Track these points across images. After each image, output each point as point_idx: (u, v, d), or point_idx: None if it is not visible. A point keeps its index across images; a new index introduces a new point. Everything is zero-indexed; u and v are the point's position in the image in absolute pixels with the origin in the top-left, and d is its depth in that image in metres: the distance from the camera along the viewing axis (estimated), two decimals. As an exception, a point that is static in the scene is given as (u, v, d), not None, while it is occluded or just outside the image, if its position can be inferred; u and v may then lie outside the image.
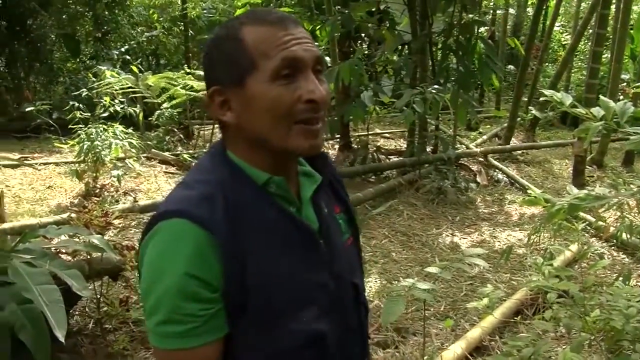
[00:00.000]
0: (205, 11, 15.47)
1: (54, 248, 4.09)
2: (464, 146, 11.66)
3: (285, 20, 1.43)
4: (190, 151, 11.02)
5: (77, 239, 4.29)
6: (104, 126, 8.51)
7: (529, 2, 19.91)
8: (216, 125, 11.78)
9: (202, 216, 1.34)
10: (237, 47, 1.41)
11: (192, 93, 10.63)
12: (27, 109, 11.95)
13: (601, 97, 2.71)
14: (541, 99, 13.06)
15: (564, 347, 4.18)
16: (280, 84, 1.38)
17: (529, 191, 3.76)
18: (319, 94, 1.40)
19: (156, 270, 1.34)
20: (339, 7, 9.69)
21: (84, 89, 11.28)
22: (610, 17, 11.81)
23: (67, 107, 10.16)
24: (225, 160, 1.48)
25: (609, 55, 13.19)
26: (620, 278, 3.62)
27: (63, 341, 2.94)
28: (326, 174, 1.58)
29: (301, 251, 1.45)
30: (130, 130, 9.06)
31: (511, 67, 18.64)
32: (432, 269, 3.72)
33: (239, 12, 10.92)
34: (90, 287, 4.00)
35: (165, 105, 11.15)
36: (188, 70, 11.24)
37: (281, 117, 1.39)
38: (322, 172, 1.57)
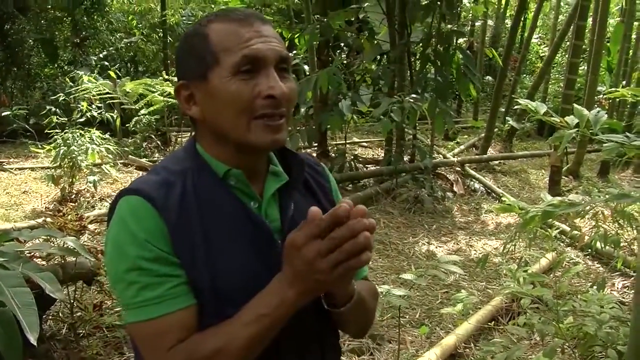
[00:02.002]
0: (184, 18, 15.44)
1: (27, 251, 4.04)
2: (441, 156, 11.71)
3: (250, 17, 1.46)
4: (168, 158, 10.96)
5: (51, 243, 4.25)
6: (81, 131, 8.46)
7: (508, 14, 20.05)
8: (193, 134, 11.78)
9: (156, 197, 1.40)
10: (202, 43, 1.45)
11: (169, 100, 10.63)
12: (4, 114, 11.89)
13: (575, 105, 2.73)
14: (517, 108, 13.20)
15: (538, 354, 4.20)
16: (241, 79, 1.41)
17: (503, 198, 3.78)
18: (278, 90, 1.42)
19: (118, 243, 1.40)
20: (317, 15, 9.70)
21: (61, 94, 11.22)
22: (587, 30, 11.93)
23: (44, 112, 10.10)
24: (193, 153, 1.54)
25: (586, 67, 13.32)
26: (594, 286, 3.64)
27: (35, 344, 2.90)
28: (295, 175, 1.60)
29: (255, 246, 1.46)
30: (107, 136, 9.02)
31: (489, 77, 18.77)
32: (407, 276, 3.73)
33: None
34: (64, 292, 3.97)
35: (142, 111, 11.14)
36: (166, 77, 11.22)
37: (240, 112, 1.42)
38: (291, 174, 1.59)
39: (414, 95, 8.35)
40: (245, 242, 1.46)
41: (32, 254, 4.12)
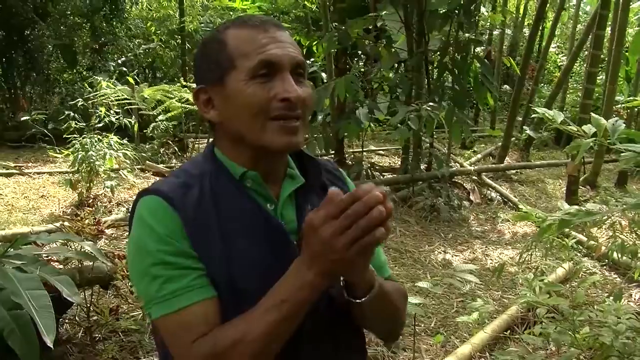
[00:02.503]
0: (202, 25, 15.52)
1: (45, 255, 4.08)
2: (457, 164, 11.67)
3: (267, 23, 1.53)
4: (185, 164, 10.99)
5: (68, 247, 4.28)
6: (99, 137, 8.51)
7: (526, 23, 20.01)
8: (211, 139, 11.81)
9: (174, 197, 1.46)
10: (219, 48, 1.52)
11: (187, 106, 10.67)
12: (23, 119, 11.95)
13: (593, 114, 2.72)
14: (534, 117, 13.12)
15: (553, 364, 4.18)
16: (257, 82, 1.46)
17: (520, 206, 3.77)
18: (294, 93, 1.46)
19: (140, 241, 1.46)
20: (335, 23, 9.72)
21: (80, 99, 11.28)
22: (605, 39, 11.88)
23: (63, 117, 10.15)
24: (211, 157, 1.60)
25: (604, 77, 13.26)
26: (611, 297, 3.62)
27: (52, 346, 2.92)
28: (312, 178, 1.64)
29: (271, 245, 1.49)
30: (124, 142, 9.05)
31: (506, 86, 18.72)
32: (423, 284, 3.73)
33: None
34: (80, 296, 3.99)
35: (160, 117, 11.19)
36: (184, 83, 11.27)
37: (256, 114, 1.47)
38: (307, 177, 1.63)
39: (431, 104, 8.33)
40: (260, 241, 1.49)
41: (50, 257, 4.15)
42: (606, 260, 6.45)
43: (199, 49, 1.62)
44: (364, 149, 11.89)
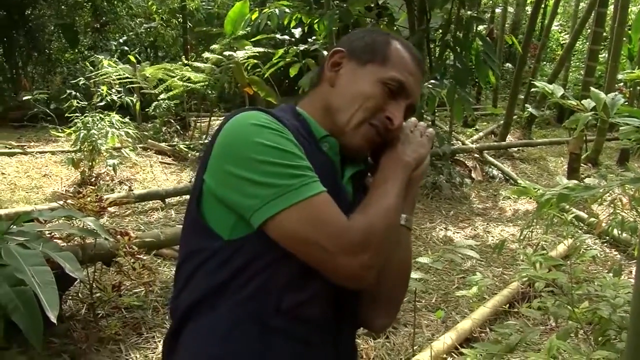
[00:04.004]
0: (204, 3, 15.47)
1: (47, 232, 4.09)
2: (459, 142, 11.68)
3: (421, 63, 1.70)
4: (187, 142, 11.01)
5: (71, 224, 4.30)
6: (101, 115, 8.50)
7: (528, 1, 19.91)
8: (213, 117, 11.81)
9: (280, 118, 1.53)
10: (383, 45, 1.65)
11: (189, 85, 10.66)
12: (25, 98, 11.94)
13: (592, 89, 2.72)
14: (536, 94, 13.11)
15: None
16: (384, 89, 1.60)
17: (519, 181, 3.77)
18: (399, 120, 1.61)
19: (263, 138, 1.45)
20: (337, 1, 9.68)
21: (82, 78, 11.27)
22: (608, 17, 11.84)
23: (64, 96, 10.16)
24: (295, 112, 1.67)
25: (606, 55, 13.22)
26: (611, 273, 3.63)
27: (55, 322, 2.94)
28: (366, 165, 1.73)
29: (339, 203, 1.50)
30: (126, 120, 9.05)
31: (509, 65, 18.66)
32: (424, 260, 3.74)
33: (237, 4, 10.94)
34: (83, 273, 4.01)
35: (162, 96, 11.19)
36: (185, 62, 11.26)
37: (365, 109, 1.59)
38: (367, 166, 1.74)
39: (433, 82, 8.33)
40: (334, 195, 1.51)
41: (52, 234, 4.16)
42: (607, 237, 6.46)
43: (366, 31, 1.75)
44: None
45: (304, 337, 1.52)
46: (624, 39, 12.70)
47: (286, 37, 11.48)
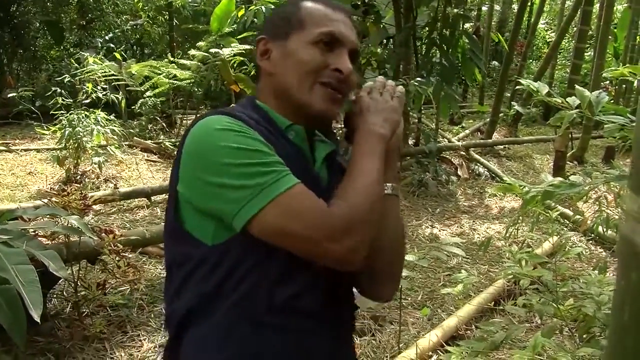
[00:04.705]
0: (190, 1, 15.38)
1: (31, 230, 4.06)
2: (446, 140, 11.70)
3: (341, 8, 1.69)
4: (173, 140, 10.97)
5: (55, 221, 4.27)
6: (86, 113, 8.46)
7: (514, -1, 19.98)
8: (199, 115, 11.76)
9: (242, 117, 1.53)
10: (293, 10, 1.65)
11: (175, 82, 10.62)
12: (10, 96, 11.88)
13: (577, 87, 2.73)
14: (522, 92, 13.16)
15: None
16: (317, 48, 1.59)
17: (505, 179, 3.78)
18: (346, 67, 1.60)
19: (231, 140, 1.45)
20: (324, -2, 9.67)
21: (67, 76, 11.20)
22: (594, 15, 11.88)
23: (50, 94, 10.09)
24: (255, 106, 1.66)
25: (592, 53, 13.27)
26: (596, 271, 3.65)
27: (39, 321, 2.92)
28: (336, 145, 1.74)
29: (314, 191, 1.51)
30: (112, 118, 9.00)
31: (495, 62, 18.72)
32: (410, 257, 3.74)
33: (224, 1, 10.91)
34: (68, 271, 3.99)
35: (148, 93, 11.13)
36: (172, 59, 11.22)
37: (308, 73, 1.58)
38: (337, 144, 1.76)
39: (419, 79, 8.34)
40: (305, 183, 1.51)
41: (36, 232, 4.14)
42: (592, 235, 6.49)
43: (273, 11, 1.81)
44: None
45: (299, 329, 1.53)
46: (610, 37, 12.77)
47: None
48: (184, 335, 1.55)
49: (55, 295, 4.69)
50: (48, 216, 4.27)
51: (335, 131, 1.79)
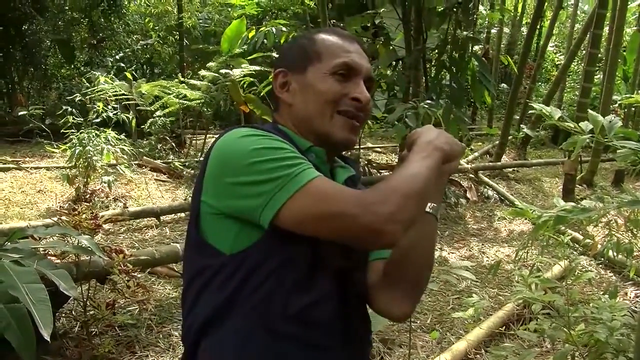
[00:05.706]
0: (200, 21, 15.48)
1: (42, 249, 4.07)
2: (455, 162, 11.66)
3: (353, 38, 1.76)
4: (182, 159, 10.99)
5: (65, 241, 4.28)
6: (96, 132, 8.48)
7: (524, 22, 20.01)
8: (209, 135, 11.81)
9: (265, 128, 1.60)
10: (310, 43, 1.72)
11: (185, 102, 10.65)
12: (20, 114, 11.95)
13: (590, 111, 2.73)
14: (531, 114, 13.15)
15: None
16: (335, 78, 1.66)
17: (516, 203, 3.77)
18: (364, 96, 1.67)
19: (257, 143, 1.52)
20: (334, 20, 9.72)
21: (78, 94, 11.25)
22: (603, 38, 11.89)
23: (60, 112, 10.13)
24: (277, 128, 1.71)
25: (601, 76, 13.27)
26: (607, 295, 3.63)
27: (48, 339, 2.93)
28: (357, 171, 1.81)
29: None
30: (122, 137, 9.03)
31: (504, 85, 18.76)
32: (419, 280, 3.73)
33: (234, 22, 10.97)
34: (77, 290, 3.98)
35: (158, 113, 11.17)
36: (182, 79, 11.26)
37: (327, 103, 1.65)
38: (356, 170, 1.83)
39: (428, 101, 8.32)
40: None
41: (47, 251, 4.14)
42: (602, 259, 6.46)
43: (289, 43, 1.85)
44: (362, 147, 11.90)
45: (315, 342, 1.55)
46: (619, 60, 12.76)
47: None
48: (201, 344, 1.57)
49: (64, 315, 4.69)
50: (58, 235, 4.28)
51: (353, 158, 1.82)
